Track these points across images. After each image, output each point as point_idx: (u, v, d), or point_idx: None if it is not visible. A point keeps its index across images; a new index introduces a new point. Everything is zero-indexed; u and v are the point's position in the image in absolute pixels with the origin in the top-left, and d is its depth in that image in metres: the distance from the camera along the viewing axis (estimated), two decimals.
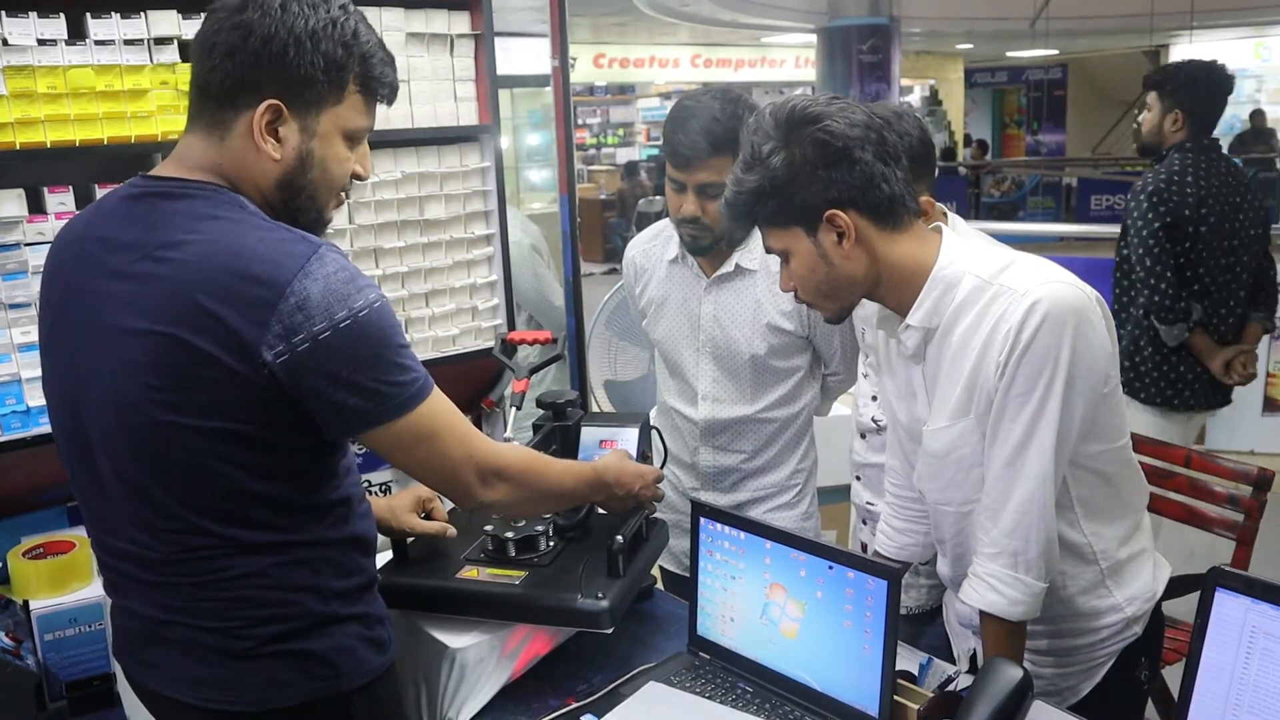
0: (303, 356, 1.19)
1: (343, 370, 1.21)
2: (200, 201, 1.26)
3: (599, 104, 17.13)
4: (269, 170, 1.29)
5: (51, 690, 1.61)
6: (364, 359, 1.23)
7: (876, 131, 1.42)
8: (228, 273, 1.19)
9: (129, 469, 1.26)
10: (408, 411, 1.28)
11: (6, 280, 1.75)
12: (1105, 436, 1.50)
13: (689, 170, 1.95)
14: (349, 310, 1.21)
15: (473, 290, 2.32)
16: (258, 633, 1.29)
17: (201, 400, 1.21)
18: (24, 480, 1.84)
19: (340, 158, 1.34)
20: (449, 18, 2.21)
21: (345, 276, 1.23)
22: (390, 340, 1.26)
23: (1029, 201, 11.75)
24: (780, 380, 2.13)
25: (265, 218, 1.27)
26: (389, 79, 1.35)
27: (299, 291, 1.18)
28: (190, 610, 1.29)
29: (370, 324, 1.23)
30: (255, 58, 1.24)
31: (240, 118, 1.27)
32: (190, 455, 1.23)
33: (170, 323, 1.19)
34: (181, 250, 1.21)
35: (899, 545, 1.79)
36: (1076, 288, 1.41)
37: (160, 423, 1.22)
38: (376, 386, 1.25)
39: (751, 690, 1.55)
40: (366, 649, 1.37)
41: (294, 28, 1.25)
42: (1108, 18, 12.13)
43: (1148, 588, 1.60)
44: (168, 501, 1.25)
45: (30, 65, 1.73)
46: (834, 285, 1.47)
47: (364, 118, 1.34)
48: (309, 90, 1.27)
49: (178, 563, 1.28)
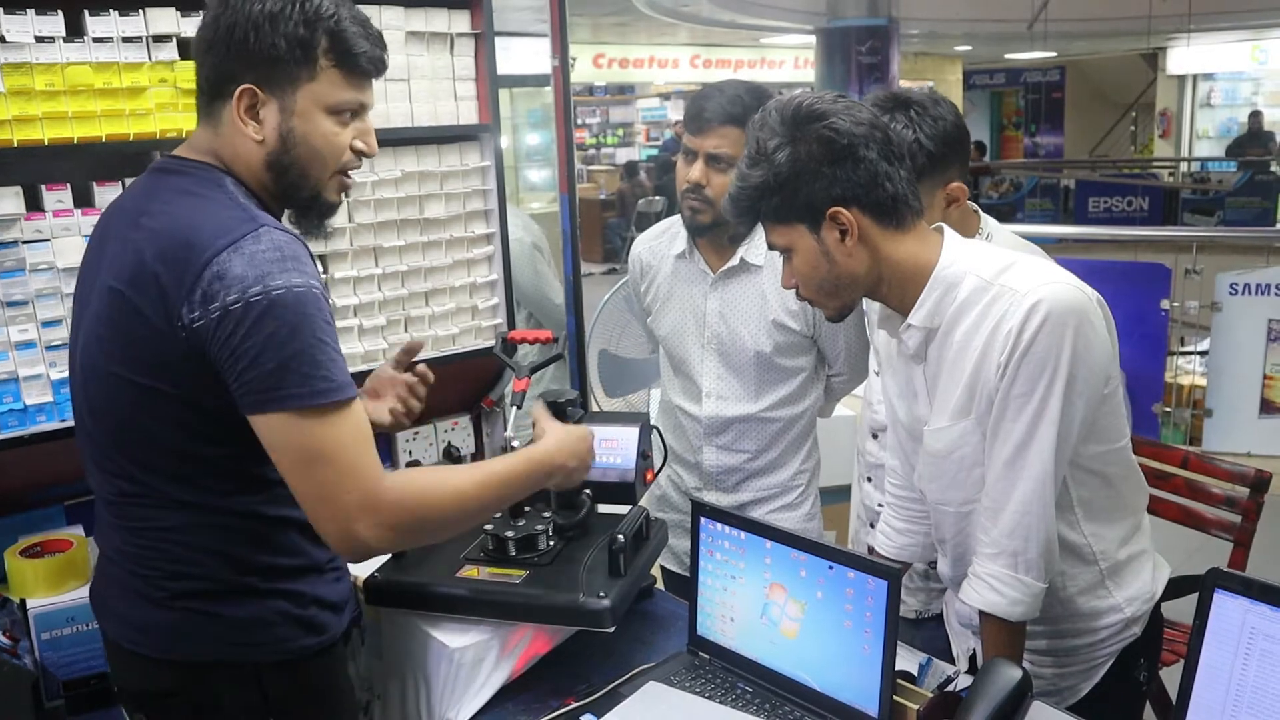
0: (213, 324, 1.24)
1: (245, 343, 1.24)
2: (186, 178, 1.36)
3: (598, 104, 17.11)
4: (255, 152, 1.36)
5: (49, 689, 1.61)
6: (268, 337, 1.24)
7: (881, 130, 1.42)
8: (172, 240, 1.27)
9: (87, 413, 1.39)
10: (296, 408, 1.25)
11: (4, 278, 1.74)
12: (1106, 437, 1.50)
13: (703, 134, 1.98)
14: (264, 287, 1.24)
15: (473, 289, 2.32)
16: (170, 585, 1.36)
17: (135, 356, 1.30)
18: (21, 479, 1.84)
19: (326, 133, 1.37)
20: (449, 16, 2.20)
21: (274, 256, 1.26)
22: (303, 329, 1.25)
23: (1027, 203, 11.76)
24: (785, 379, 2.13)
25: (235, 197, 1.33)
26: (362, 49, 1.37)
27: (223, 261, 1.24)
28: (124, 553, 1.39)
29: (283, 305, 1.24)
30: (225, 48, 1.33)
31: (226, 106, 1.35)
32: (127, 407, 1.32)
33: (124, 281, 1.30)
34: (153, 219, 1.31)
35: (899, 545, 1.79)
36: (1078, 289, 1.41)
37: (107, 373, 1.33)
38: (274, 368, 1.24)
39: (751, 690, 1.55)
40: (290, 627, 1.40)
41: (251, 14, 1.32)
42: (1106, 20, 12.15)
43: (1147, 588, 1.60)
44: (109, 448, 1.36)
45: (28, 62, 1.72)
46: (836, 283, 1.47)
47: (346, 91, 1.38)
48: (278, 70, 1.33)
49: (117, 505, 1.38)
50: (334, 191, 1.43)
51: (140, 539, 1.37)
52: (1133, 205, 10.32)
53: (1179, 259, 4.75)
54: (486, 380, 2.44)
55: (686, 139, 2.03)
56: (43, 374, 1.78)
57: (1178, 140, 16.00)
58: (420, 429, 2.33)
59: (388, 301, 2.18)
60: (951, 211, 1.75)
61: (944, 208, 1.74)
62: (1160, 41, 14.47)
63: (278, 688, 1.41)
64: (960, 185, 1.75)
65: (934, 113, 1.71)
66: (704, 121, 1.98)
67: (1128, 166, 14.01)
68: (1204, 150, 15.78)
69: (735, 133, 1.95)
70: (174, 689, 1.40)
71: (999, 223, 1.92)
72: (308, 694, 1.45)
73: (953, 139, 1.73)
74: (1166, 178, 12.42)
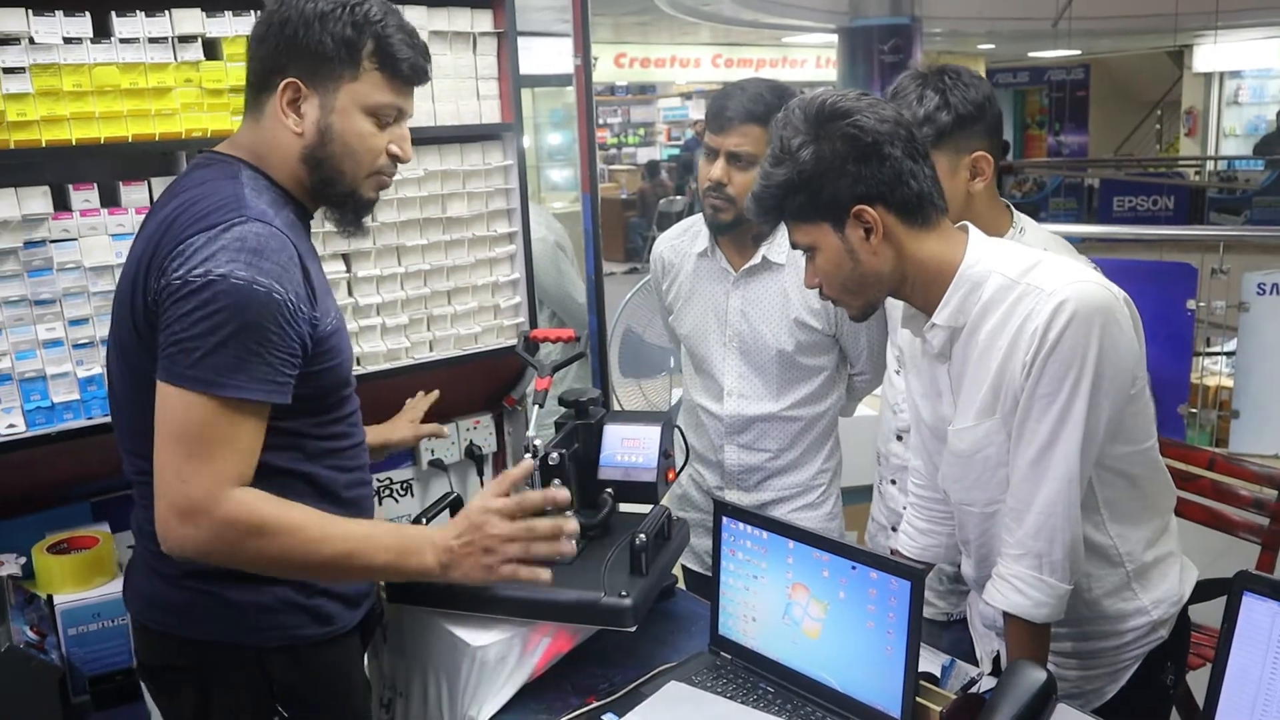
0: (162, 297, 1.29)
1: (169, 313, 1.28)
2: (210, 170, 1.41)
3: (620, 103, 17.11)
4: (293, 144, 1.41)
5: (75, 685, 1.62)
6: (185, 312, 1.27)
7: (906, 128, 1.42)
8: (172, 224, 1.33)
9: (115, 394, 1.45)
10: (171, 383, 1.27)
11: (32, 277, 1.76)
12: (1132, 438, 1.49)
13: (724, 132, 1.99)
14: (205, 270, 1.27)
15: (495, 288, 2.32)
16: (178, 565, 1.38)
17: (131, 339, 1.36)
18: (48, 476, 1.86)
19: (362, 132, 1.42)
20: (472, 16, 2.21)
21: (236, 246, 1.28)
22: (221, 314, 1.25)
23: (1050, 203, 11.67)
24: (806, 378, 2.12)
25: (242, 187, 1.37)
26: (406, 56, 1.42)
27: (191, 243, 1.29)
28: (141, 531, 1.44)
29: (215, 290, 1.26)
30: (275, 41, 1.39)
31: (270, 98, 1.41)
32: (128, 383, 1.39)
33: (132, 266, 1.37)
34: (164, 209, 1.38)
35: (921, 546, 1.78)
36: (1104, 287, 1.40)
37: (121, 359, 1.39)
38: (173, 339, 1.27)
39: (773, 690, 1.54)
40: (293, 614, 1.43)
41: (305, 10, 1.38)
42: (1131, 18, 12.02)
43: (1174, 591, 1.59)
44: (124, 424, 1.43)
45: (56, 63, 1.74)
46: (860, 281, 1.46)
47: (386, 94, 1.42)
48: (323, 67, 1.38)
49: (140, 484, 1.41)
50: (371, 189, 1.47)
51: (151, 515, 1.36)
52: (1158, 204, 10.22)
53: (1205, 258, 4.70)
54: (509, 379, 2.45)
55: (708, 137, 2.03)
56: (69, 372, 1.80)
57: (1204, 138, 15.82)
58: (443, 427, 2.34)
59: (410, 300, 2.19)
60: (976, 184, 1.74)
61: (967, 179, 1.73)
62: (1187, 39, 14.32)
63: (282, 673, 1.43)
64: (985, 156, 1.74)
65: (966, 80, 1.74)
66: (725, 120, 1.98)
67: (1153, 165, 13.88)
68: (1231, 148, 15.61)
69: (757, 131, 1.94)
70: (183, 664, 1.43)
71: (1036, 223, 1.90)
72: (315, 683, 1.47)
73: (980, 107, 1.73)
74: (1193, 176, 12.29)
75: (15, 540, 1.76)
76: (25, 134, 1.72)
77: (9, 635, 1.47)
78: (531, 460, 1.63)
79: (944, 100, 1.71)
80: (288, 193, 1.43)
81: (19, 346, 1.76)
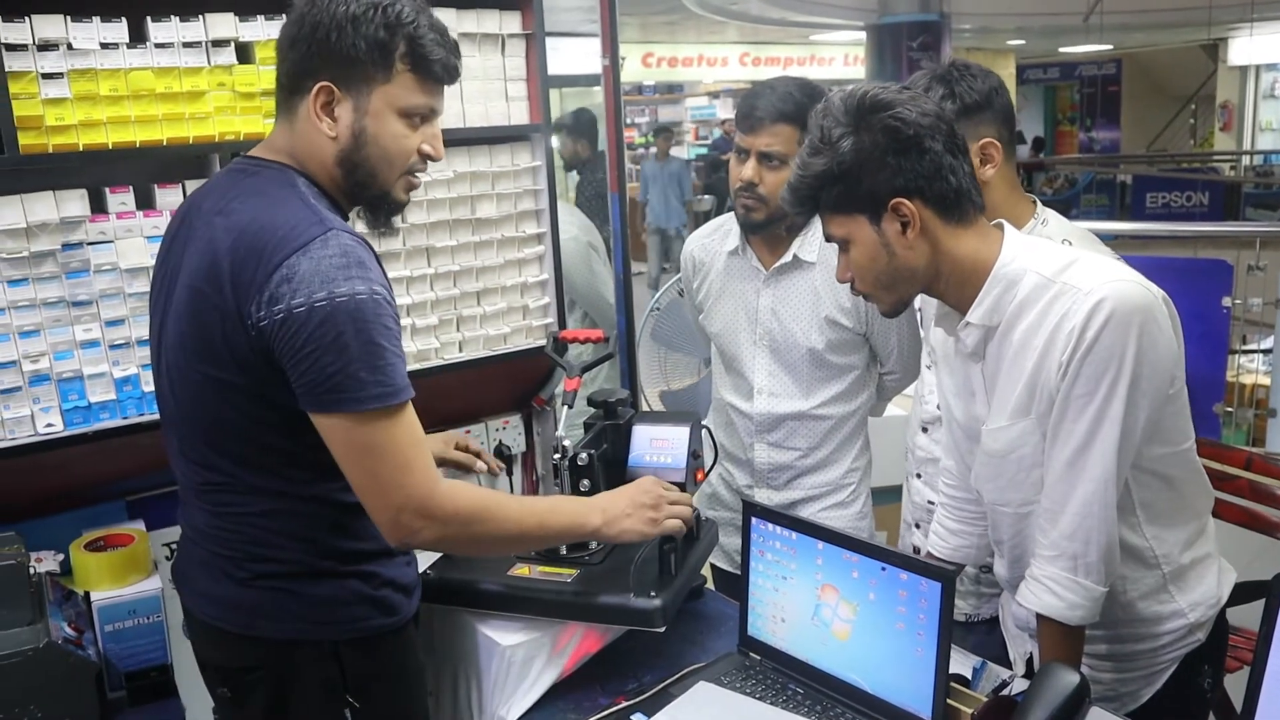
0: (278, 325, 1.28)
1: (307, 346, 1.28)
2: (260, 179, 1.40)
3: (647, 103, 17.09)
4: (328, 148, 1.40)
5: (111, 680, 1.64)
6: (330, 341, 1.28)
7: (946, 123, 1.41)
8: (244, 241, 1.32)
9: (170, 402, 1.44)
10: (354, 410, 1.31)
11: (69, 279, 1.78)
12: (1169, 439, 1.47)
13: (755, 132, 1.99)
14: (329, 293, 1.28)
15: (524, 289, 2.33)
16: (252, 566, 1.42)
17: (212, 352, 1.34)
18: (86, 474, 1.88)
19: (396, 134, 1.42)
20: (500, 18, 2.22)
21: (340, 262, 1.29)
22: (365, 335, 1.30)
23: (1082, 199, 11.56)
24: (836, 376, 2.11)
25: (306, 197, 1.37)
26: (438, 56, 1.42)
27: (291, 265, 1.28)
28: (208, 534, 1.45)
29: (346, 311, 1.28)
30: (307, 45, 1.38)
31: (303, 102, 1.40)
32: (205, 397, 1.37)
33: (200, 279, 1.35)
34: (227, 217, 1.36)
35: (952, 547, 1.77)
36: (1143, 286, 1.38)
37: (189, 369, 1.38)
38: (334, 371, 1.29)
39: (802, 692, 1.54)
40: (364, 606, 1.45)
41: (336, 14, 1.37)
42: (1164, 11, 11.88)
43: (1212, 593, 1.57)
44: (194, 439, 1.41)
45: (93, 68, 1.76)
46: (894, 276, 1.45)
47: (419, 95, 1.42)
48: (356, 70, 1.38)
49: (202, 491, 1.44)
50: (402, 190, 1.48)
51: (224, 523, 1.42)
52: (1192, 200, 10.09)
53: (1241, 255, 4.63)
54: (538, 379, 2.46)
55: (739, 138, 2.03)
56: (106, 372, 1.82)
57: (1239, 133, 15.60)
58: (471, 428, 2.35)
59: (440, 301, 2.20)
60: (986, 171, 1.73)
61: (978, 166, 1.72)
62: (1221, 32, 14.12)
63: (355, 665, 1.45)
64: (993, 142, 1.74)
65: (974, 72, 1.76)
66: (756, 120, 1.98)
67: (1187, 161, 13.69)
68: (1267, 143, 15.38)
69: (788, 130, 1.94)
70: (256, 664, 1.45)
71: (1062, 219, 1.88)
72: (383, 673, 1.49)
73: (987, 96, 1.75)
74: (1228, 171, 12.13)
75: (53, 538, 1.78)
76: (63, 138, 1.75)
77: (48, 631, 1.49)
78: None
79: (950, 91, 1.73)
80: (329, 195, 1.44)
81: (57, 347, 1.79)
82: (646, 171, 11.02)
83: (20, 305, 1.75)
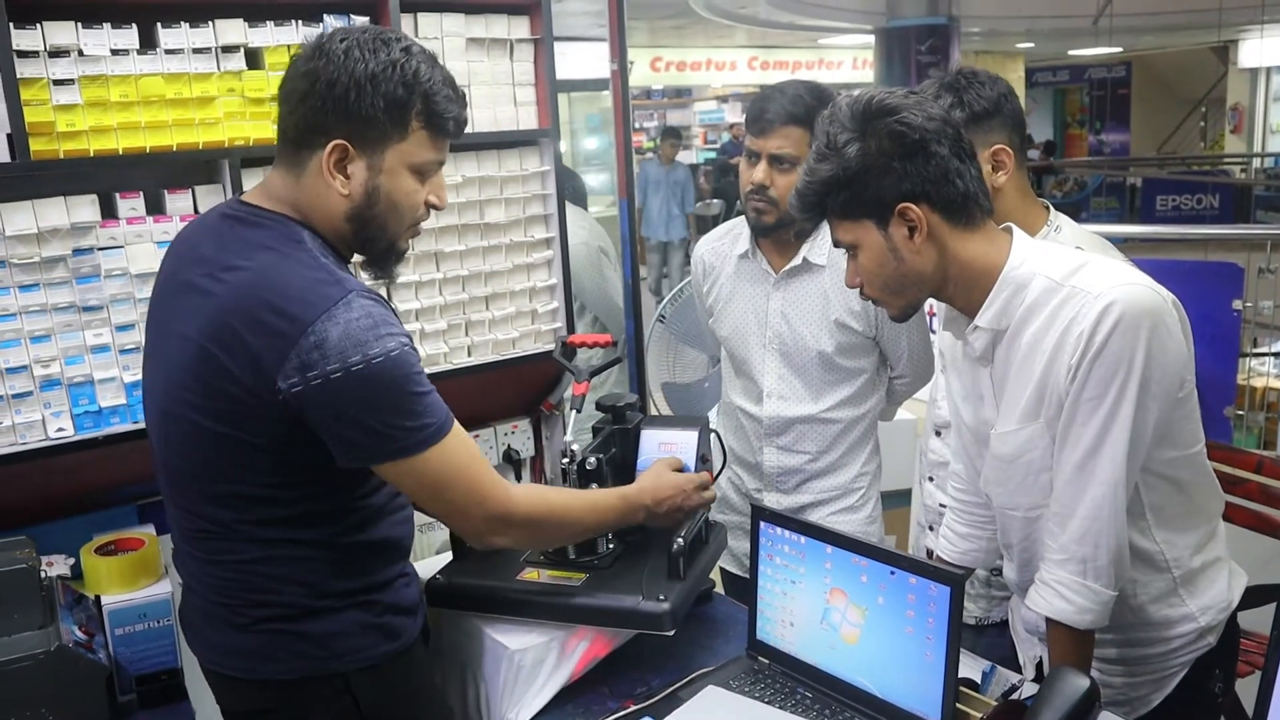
0: (314, 392, 1.28)
1: (349, 409, 1.30)
2: (265, 232, 1.37)
3: (656, 107, 17.10)
4: (339, 205, 1.39)
5: (122, 684, 1.65)
6: (372, 402, 1.30)
7: (953, 127, 1.41)
8: (260, 303, 1.30)
9: (167, 453, 1.42)
10: (411, 455, 1.34)
11: (80, 284, 1.79)
12: (1179, 442, 1.47)
13: (765, 135, 1.99)
14: (363, 355, 1.28)
15: (532, 293, 2.33)
16: (252, 612, 1.41)
17: (222, 409, 1.33)
18: (96, 478, 1.89)
19: (407, 190, 1.41)
20: (509, 23, 2.22)
21: (368, 324, 1.30)
22: (403, 388, 1.32)
23: (1092, 202, 11.53)
24: (846, 380, 2.11)
25: (315, 255, 1.36)
26: (453, 114, 1.41)
27: (319, 331, 1.27)
28: (205, 583, 1.45)
29: (383, 371, 1.29)
30: (322, 101, 1.34)
31: (313, 157, 1.37)
32: (207, 452, 1.36)
33: (208, 337, 1.32)
34: (233, 274, 1.33)
35: (961, 551, 1.77)
36: (1152, 290, 1.38)
37: (188, 420, 1.36)
38: (382, 428, 1.32)
39: (811, 696, 1.54)
40: (369, 635, 1.45)
41: (355, 72, 1.33)
42: (1174, 13, 11.85)
43: (1223, 597, 1.56)
44: (187, 487, 1.41)
45: (104, 75, 1.77)
46: (902, 281, 1.45)
47: (430, 151, 1.41)
48: (373, 129, 1.36)
49: (197, 539, 1.43)
50: (406, 240, 1.48)
51: (220, 570, 1.42)
52: (1203, 203, 10.06)
53: (1252, 258, 4.62)
54: (546, 384, 2.46)
55: (749, 141, 2.03)
56: (116, 377, 1.83)
57: (1250, 135, 15.54)
58: (480, 432, 2.35)
59: (449, 306, 2.20)
60: (999, 178, 1.73)
61: (989, 173, 1.72)
62: (1231, 34, 14.06)
63: (367, 694, 1.44)
64: (1004, 148, 1.74)
65: (982, 79, 1.76)
66: (766, 123, 1.98)
67: (1197, 163, 13.65)
68: (1278, 145, 15.33)
69: (798, 133, 1.94)
70: (268, 707, 1.44)
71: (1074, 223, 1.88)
72: (397, 697, 1.48)
73: (996, 102, 1.75)
74: (1238, 174, 12.08)
75: (64, 541, 1.79)
76: (74, 144, 1.76)
77: (59, 635, 1.49)
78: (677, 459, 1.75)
79: (959, 99, 1.73)
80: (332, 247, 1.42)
81: (68, 352, 1.80)
82: (648, 174, 9.72)
83: (31, 310, 1.76)
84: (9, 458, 1.76)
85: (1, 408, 1.75)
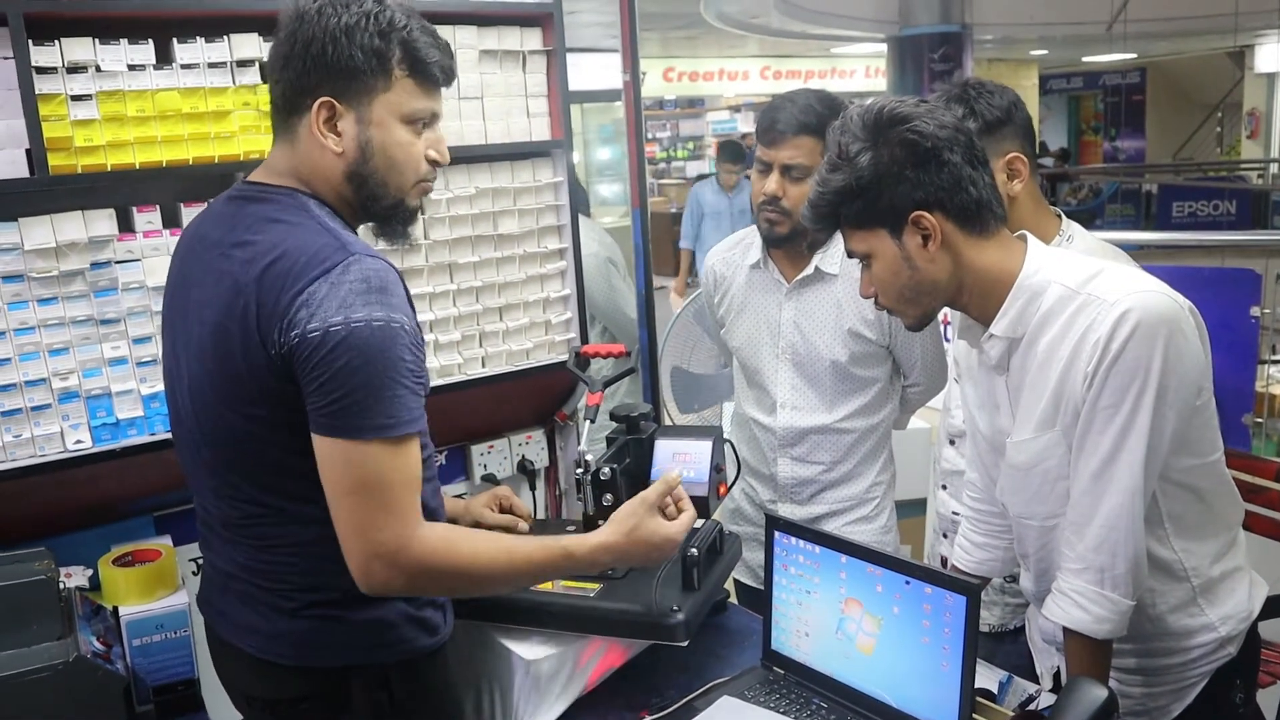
0: (294, 349, 1.28)
1: (315, 370, 1.28)
2: (271, 205, 1.38)
3: (668, 118, 17.14)
4: (334, 165, 1.39)
5: (139, 694, 1.65)
6: (337, 367, 1.27)
7: (965, 134, 1.41)
8: (268, 270, 1.30)
9: (201, 442, 1.41)
10: (353, 438, 1.28)
11: (98, 297, 1.81)
12: (1197, 450, 1.46)
13: (777, 146, 1.99)
14: (344, 318, 1.27)
15: (546, 304, 2.34)
16: (301, 596, 1.41)
17: (239, 390, 1.33)
18: (113, 490, 1.90)
19: (402, 142, 1.41)
20: (521, 34, 2.23)
21: (360, 289, 1.28)
22: (376, 364, 1.28)
23: (1107, 209, 11.48)
24: (860, 389, 2.11)
25: (324, 221, 1.36)
26: (434, 58, 1.41)
27: (312, 290, 1.27)
28: (250, 568, 1.43)
29: (359, 338, 1.27)
30: (301, 62, 1.36)
31: (303, 121, 1.39)
32: (242, 436, 1.36)
33: (224, 314, 1.33)
34: (244, 249, 1.34)
35: (978, 560, 1.76)
36: (1169, 297, 1.37)
37: (215, 404, 1.36)
38: (335, 398, 1.28)
39: (826, 706, 1.53)
40: (411, 627, 1.44)
41: (329, 26, 1.35)
42: (1189, 19, 11.80)
43: (1243, 607, 1.55)
44: (227, 473, 1.40)
45: (121, 90, 1.79)
46: (916, 290, 1.45)
47: (419, 99, 1.41)
48: (356, 82, 1.37)
49: (241, 526, 1.42)
50: (415, 198, 1.47)
51: (271, 554, 1.41)
52: (1219, 209, 10.00)
53: (1269, 264, 4.59)
54: (560, 394, 2.46)
55: (760, 151, 2.03)
56: (133, 389, 1.84)
57: (1267, 140, 15.45)
58: (495, 443, 2.35)
59: (463, 317, 2.21)
60: (1014, 186, 1.73)
61: (1005, 181, 1.71)
62: (1248, 39, 13.99)
63: (402, 689, 1.45)
64: (1019, 156, 1.74)
65: (990, 88, 1.76)
66: (777, 133, 1.98)
67: (1213, 169, 13.57)
68: None
69: (809, 142, 1.94)
70: (307, 694, 1.44)
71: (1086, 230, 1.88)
72: (429, 693, 1.49)
73: (1007, 111, 1.75)
74: (1255, 180, 12.01)
75: (82, 553, 1.80)
76: (92, 159, 1.78)
77: (77, 645, 1.50)
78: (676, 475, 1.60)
79: (970, 110, 1.73)
80: (340, 214, 1.43)
81: (86, 365, 1.81)
82: (703, 202, 7.15)
83: (50, 323, 1.77)
84: (28, 469, 1.77)
85: (20, 420, 1.76)
